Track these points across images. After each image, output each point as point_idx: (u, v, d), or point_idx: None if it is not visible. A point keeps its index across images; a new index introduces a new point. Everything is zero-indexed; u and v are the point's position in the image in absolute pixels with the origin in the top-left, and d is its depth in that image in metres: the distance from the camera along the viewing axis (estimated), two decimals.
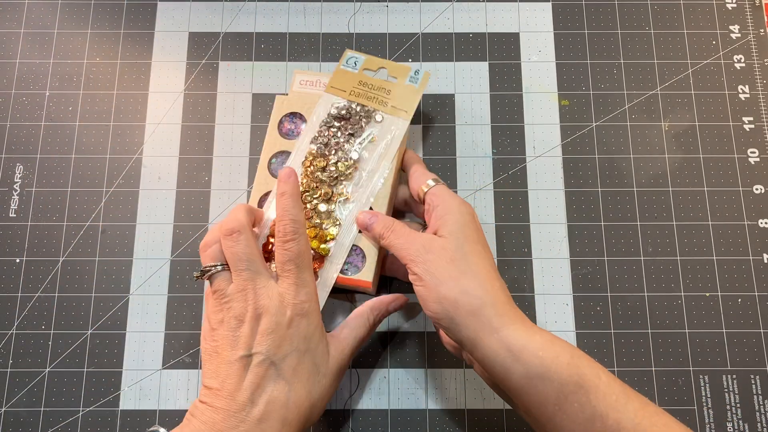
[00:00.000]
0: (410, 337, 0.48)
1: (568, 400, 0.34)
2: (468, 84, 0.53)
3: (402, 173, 0.48)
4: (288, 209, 0.40)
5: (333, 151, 0.46)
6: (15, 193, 0.51)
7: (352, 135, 0.47)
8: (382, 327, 0.48)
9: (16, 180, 0.51)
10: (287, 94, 0.49)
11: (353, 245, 0.44)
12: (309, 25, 0.54)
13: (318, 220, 0.45)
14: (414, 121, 0.52)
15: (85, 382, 0.47)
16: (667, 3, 0.55)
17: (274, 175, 0.47)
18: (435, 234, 0.40)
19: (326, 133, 0.47)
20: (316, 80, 0.49)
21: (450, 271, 0.38)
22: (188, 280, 0.49)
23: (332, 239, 0.44)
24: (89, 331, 0.47)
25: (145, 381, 0.47)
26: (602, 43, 0.54)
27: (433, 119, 0.52)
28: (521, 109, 0.52)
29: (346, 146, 0.46)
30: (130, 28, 0.54)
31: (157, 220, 0.50)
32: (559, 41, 0.54)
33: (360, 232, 0.45)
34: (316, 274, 0.43)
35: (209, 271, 0.39)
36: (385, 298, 0.44)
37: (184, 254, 0.49)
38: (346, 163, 0.46)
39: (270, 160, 0.47)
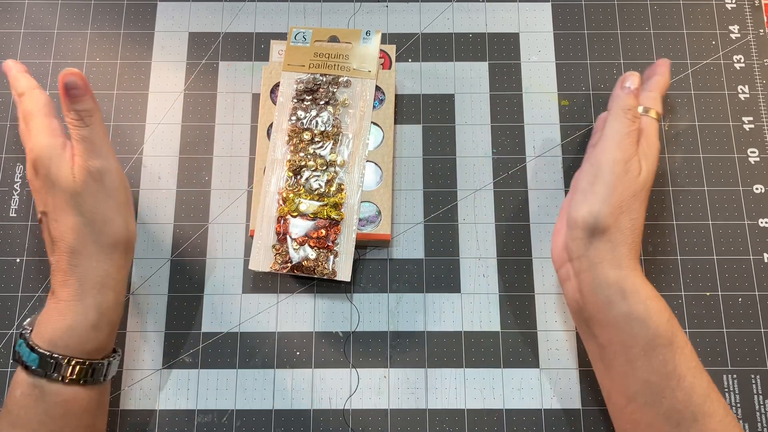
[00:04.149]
0: (410, 337, 0.48)
1: (655, 351, 0.37)
2: (468, 84, 0.53)
3: None
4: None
5: (315, 123, 0.48)
6: (15, 193, 0.51)
7: (327, 103, 0.49)
8: (382, 327, 0.48)
9: (16, 180, 0.51)
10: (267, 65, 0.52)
11: (368, 201, 0.48)
12: (309, 25, 0.54)
13: (324, 190, 0.47)
14: (414, 121, 0.52)
15: None
16: (666, 3, 0.55)
17: None
18: None
19: (300, 108, 0.49)
20: None
21: (623, 202, 0.40)
22: (188, 279, 0.49)
23: (342, 204, 0.47)
24: None
25: (145, 381, 0.47)
26: (602, 43, 0.54)
27: (433, 119, 0.52)
28: (521, 109, 0.52)
29: (324, 114, 0.49)
30: (130, 28, 0.54)
31: (157, 220, 0.50)
32: (559, 41, 0.54)
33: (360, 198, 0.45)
34: (335, 242, 0.47)
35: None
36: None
37: (185, 254, 0.49)
38: (331, 130, 0.48)
39: (268, 129, 0.50)
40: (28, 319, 0.41)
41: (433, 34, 0.54)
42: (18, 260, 0.49)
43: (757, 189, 0.50)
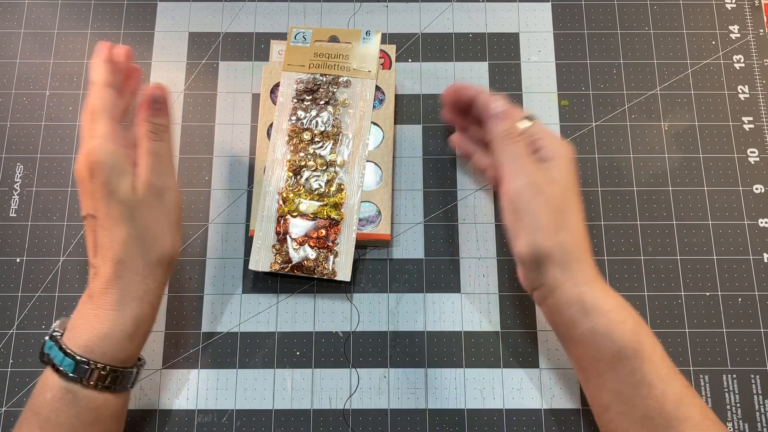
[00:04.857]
0: (411, 337, 0.48)
1: (622, 362, 0.37)
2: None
3: None
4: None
5: (314, 123, 0.49)
6: (15, 193, 0.51)
7: (327, 103, 0.49)
8: (382, 326, 0.48)
9: (16, 180, 0.51)
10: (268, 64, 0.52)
11: (368, 201, 0.48)
12: (309, 25, 0.54)
13: (324, 190, 0.47)
14: (414, 121, 0.52)
15: None
16: (666, 3, 0.55)
17: None
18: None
19: (300, 108, 0.49)
20: None
21: (553, 222, 0.39)
22: (188, 279, 0.49)
23: (342, 204, 0.47)
24: None
25: (145, 381, 0.47)
26: (602, 43, 0.54)
27: (433, 119, 0.52)
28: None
29: (324, 114, 0.49)
30: (130, 28, 0.54)
31: None
32: (559, 41, 0.54)
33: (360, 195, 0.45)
34: (335, 242, 0.47)
35: None
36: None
37: (185, 254, 0.49)
38: (331, 130, 0.49)
39: (268, 129, 0.50)
40: (58, 321, 0.41)
41: (433, 34, 0.54)
42: (18, 260, 0.49)
43: (757, 189, 0.50)
